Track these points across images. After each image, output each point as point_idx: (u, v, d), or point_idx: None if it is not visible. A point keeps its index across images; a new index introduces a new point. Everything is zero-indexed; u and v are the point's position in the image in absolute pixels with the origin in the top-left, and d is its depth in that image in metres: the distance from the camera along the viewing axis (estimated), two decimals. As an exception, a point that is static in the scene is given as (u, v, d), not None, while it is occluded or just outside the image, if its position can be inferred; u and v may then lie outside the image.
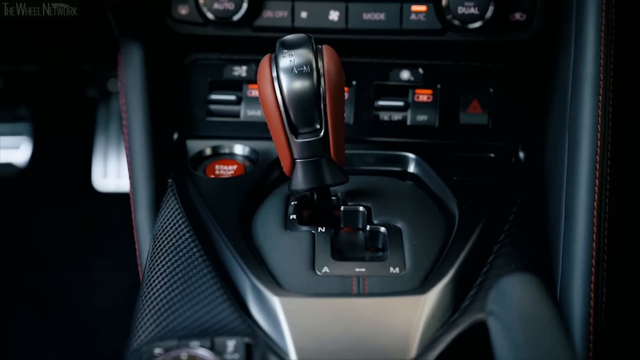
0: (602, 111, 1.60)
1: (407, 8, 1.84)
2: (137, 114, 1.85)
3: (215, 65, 1.97)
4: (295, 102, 1.43)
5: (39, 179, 3.30)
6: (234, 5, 1.83)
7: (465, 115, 1.89)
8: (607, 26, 1.62)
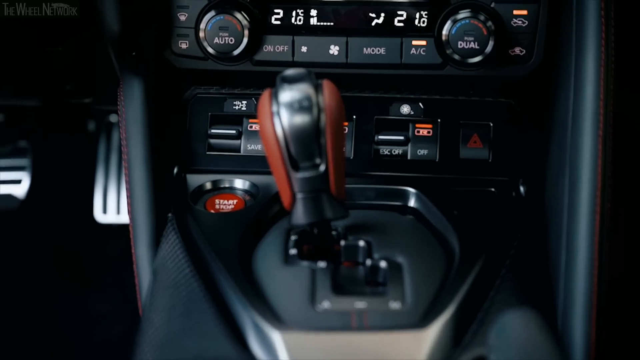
0: (602, 146, 1.60)
1: (407, 42, 1.85)
2: (137, 148, 1.85)
3: (216, 99, 1.97)
4: (296, 137, 1.42)
5: (39, 212, 3.29)
6: (234, 39, 1.84)
7: (466, 149, 1.90)
8: (606, 62, 1.63)
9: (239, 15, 1.83)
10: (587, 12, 1.67)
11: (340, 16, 1.85)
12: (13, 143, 3.36)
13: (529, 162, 1.89)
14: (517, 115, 1.90)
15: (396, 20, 1.84)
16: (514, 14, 1.81)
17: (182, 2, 1.87)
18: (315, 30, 1.86)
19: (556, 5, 1.80)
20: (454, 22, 1.79)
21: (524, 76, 1.86)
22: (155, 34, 1.89)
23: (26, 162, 3.34)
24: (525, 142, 1.90)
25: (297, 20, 1.86)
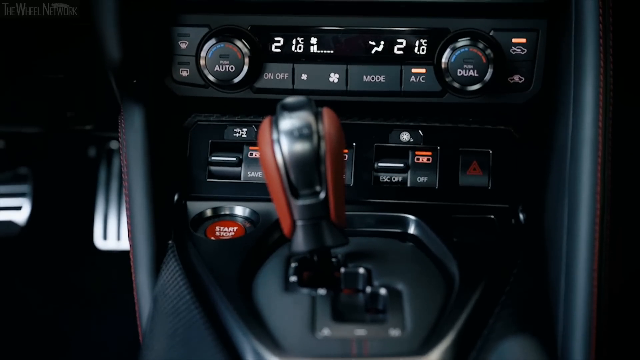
0: (600, 174, 1.61)
1: (407, 70, 1.85)
2: (138, 175, 1.85)
3: (216, 126, 1.98)
4: (296, 165, 1.43)
5: (39, 238, 3.30)
6: (234, 67, 1.85)
7: (465, 176, 1.90)
8: (605, 90, 1.64)
9: (240, 43, 1.84)
10: (585, 40, 1.68)
11: (340, 44, 1.86)
12: (14, 169, 3.37)
13: (528, 189, 1.89)
14: (516, 142, 1.91)
15: (396, 48, 1.85)
16: (513, 42, 1.82)
17: (183, 30, 1.89)
18: (315, 58, 1.87)
19: (555, 33, 1.81)
20: (453, 50, 1.80)
21: (523, 104, 1.87)
22: (156, 61, 1.90)
23: (27, 189, 3.35)
24: (525, 169, 1.90)
25: (297, 48, 1.87)
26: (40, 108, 2.53)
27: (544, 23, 1.82)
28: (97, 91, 2.14)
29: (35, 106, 2.51)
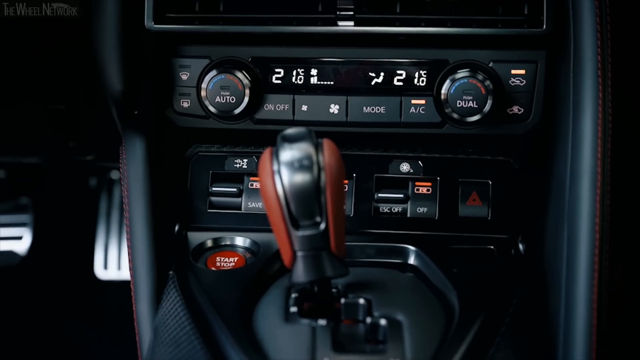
0: (599, 204, 1.61)
1: (406, 101, 1.86)
2: (138, 205, 1.86)
3: (217, 157, 1.98)
4: (296, 196, 1.43)
5: (40, 268, 3.29)
6: (235, 98, 1.85)
7: (465, 207, 1.91)
8: (604, 121, 1.64)
9: (240, 74, 1.85)
10: (584, 71, 1.68)
11: (340, 75, 1.87)
12: (15, 199, 3.37)
13: (527, 220, 1.90)
14: (516, 173, 1.91)
15: (395, 80, 1.86)
16: (512, 73, 1.83)
17: (184, 62, 1.90)
18: (315, 89, 1.88)
19: (554, 64, 1.82)
20: (453, 81, 1.81)
21: (522, 134, 1.87)
22: (157, 93, 1.91)
23: (28, 219, 3.35)
24: (524, 200, 1.91)
25: (297, 79, 1.88)
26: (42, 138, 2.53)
27: (542, 54, 1.83)
28: (98, 122, 2.14)
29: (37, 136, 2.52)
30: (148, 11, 1.82)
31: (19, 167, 3.28)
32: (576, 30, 1.71)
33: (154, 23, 1.83)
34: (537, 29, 1.77)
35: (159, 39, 1.88)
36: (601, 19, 1.67)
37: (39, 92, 2.22)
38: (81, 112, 2.27)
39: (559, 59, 1.80)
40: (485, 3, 1.78)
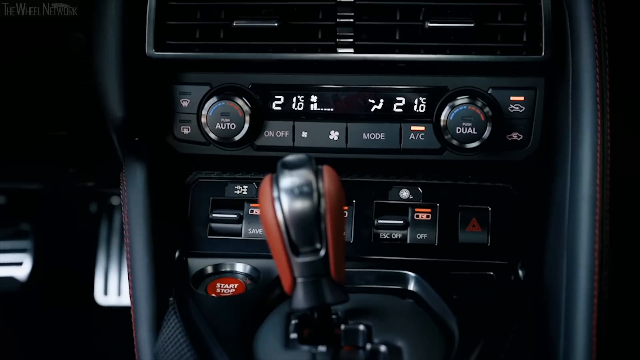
0: (599, 230, 1.62)
1: (406, 128, 1.87)
2: (139, 232, 1.86)
3: (217, 184, 1.99)
4: (296, 222, 1.43)
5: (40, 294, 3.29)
6: (235, 125, 1.86)
7: (464, 233, 1.91)
8: (602, 148, 1.65)
9: (240, 101, 1.86)
10: (582, 98, 1.69)
11: (340, 102, 1.88)
12: (15, 225, 3.38)
13: (527, 246, 1.90)
14: (515, 199, 1.92)
15: (395, 106, 1.87)
16: (511, 99, 1.84)
17: (184, 89, 1.90)
18: (315, 116, 1.89)
19: (552, 91, 1.83)
20: (452, 108, 1.81)
21: (522, 161, 1.88)
22: (158, 119, 1.92)
23: (28, 245, 3.35)
24: (524, 226, 1.91)
25: (297, 106, 1.88)
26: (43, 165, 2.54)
27: (541, 81, 1.84)
28: (98, 148, 2.15)
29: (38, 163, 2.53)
30: (149, 39, 1.83)
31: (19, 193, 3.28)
32: (575, 57, 1.71)
33: (154, 50, 1.84)
34: (535, 55, 1.78)
35: (160, 66, 1.88)
36: (599, 46, 1.67)
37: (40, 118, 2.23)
38: (82, 138, 2.27)
39: (557, 86, 1.81)
40: (484, 30, 1.79)
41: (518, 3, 1.78)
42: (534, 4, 1.77)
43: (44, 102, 2.18)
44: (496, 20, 1.79)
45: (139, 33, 1.83)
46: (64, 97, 2.13)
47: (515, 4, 1.78)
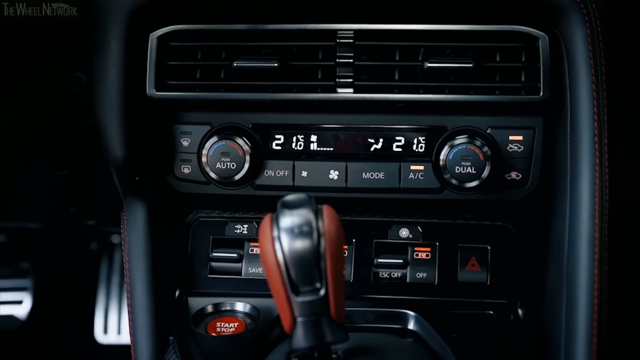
0: (598, 270, 1.62)
1: (405, 167, 1.88)
2: (139, 271, 1.86)
3: (217, 223, 1.99)
4: (296, 261, 1.43)
5: (40, 332, 3.28)
6: (235, 164, 1.87)
7: (464, 272, 1.91)
8: (601, 188, 1.66)
9: (241, 140, 1.87)
10: (581, 138, 1.70)
11: (340, 141, 1.89)
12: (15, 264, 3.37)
13: (526, 285, 1.90)
14: (514, 238, 1.92)
15: (394, 146, 1.87)
16: (510, 139, 1.85)
17: (185, 129, 1.91)
18: (315, 156, 1.90)
19: (551, 130, 1.84)
20: (451, 148, 1.82)
21: (521, 200, 1.88)
22: (158, 159, 1.93)
23: (28, 283, 3.34)
24: (523, 265, 1.91)
25: (297, 145, 1.89)
26: (43, 203, 2.54)
27: (540, 121, 1.85)
28: (99, 187, 2.15)
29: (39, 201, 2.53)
30: (150, 79, 1.84)
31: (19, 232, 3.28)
32: (573, 98, 1.73)
33: (155, 90, 1.85)
34: (534, 96, 1.79)
35: (160, 106, 1.89)
36: (597, 87, 1.69)
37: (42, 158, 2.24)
38: (82, 177, 2.28)
39: (556, 125, 1.82)
40: (483, 70, 1.80)
41: (516, 44, 1.79)
42: (532, 44, 1.78)
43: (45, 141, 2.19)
44: (495, 61, 1.80)
45: (140, 73, 1.85)
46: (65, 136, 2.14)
47: (513, 45, 1.79)
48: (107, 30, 1.78)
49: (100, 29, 1.79)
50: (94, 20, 1.81)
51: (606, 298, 1.62)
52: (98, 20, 1.79)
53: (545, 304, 1.83)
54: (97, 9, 1.79)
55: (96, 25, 1.80)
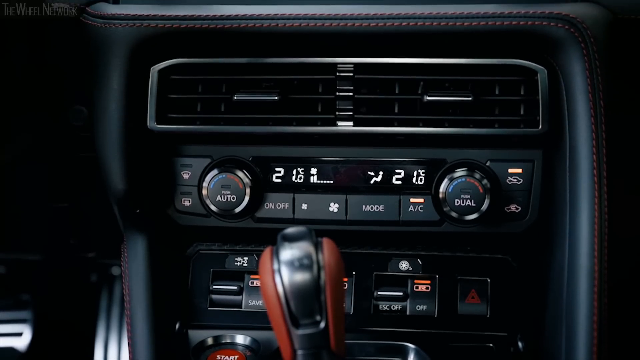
0: (597, 302, 1.62)
1: (405, 200, 1.88)
2: (139, 304, 1.86)
3: (218, 255, 1.99)
4: (296, 294, 1.43)
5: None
6: (236, 197, 1.87)
7: (464, 305, 1.91)
8: (600, 220, 1.66)
9: (241, 173, 1.88)
10: (579, 170, 1.71)
11: (340, 174, 1.89)
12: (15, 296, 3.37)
13: (526, 318, 1.90)
14: (514, 270, 1.92)
15: (394, 179, 1.88)
16: (509, 172, 1.85)
17: (185, 161, 1.92)
18: (315, 188, 1.90)
19: (550, 163, 1.85)
20: (451, 180, 1.83)
21: (520, 233, 1.89)
22: (159, 191, 1.93)
23: (28, 315, 3.34)
24: (523, 298, 1.91)
25: (297, 178, 1.90)
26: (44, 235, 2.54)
27: (539, 154, 1.86)
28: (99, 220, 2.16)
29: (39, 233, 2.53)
30: (151, 112, 1.85)
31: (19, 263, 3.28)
32: (572, 130, 1.73)
33: (156, 123, 1.85)
34: (533, 129, 1.79)
35: (161, 139, 1.90)
36: (596, 120, 1.69)
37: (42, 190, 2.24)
38: (83, 210, 2.28)
39: (555, 158, 1.82)
40: (482, 103, 1.81)
41: (515, 77, 1.80)
42: (531, 78, 1.79)
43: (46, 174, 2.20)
44: (494, 94, 1.81)
45: (141, 106, 1.85)
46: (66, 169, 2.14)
47: (512, 78, 1.80)
48: (108, 63, 1.79)
49: (101, 63, 1.80)
50: (95, 54, 1.82)
51: (606, 331, 1.62)
52: (99, 54, 1.80)
53: (545, 336, 1.83)
54: (98, 42, 1.80)
55: (97, 59, 1.81)
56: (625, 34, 1.78)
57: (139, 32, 1.77)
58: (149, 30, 1.77)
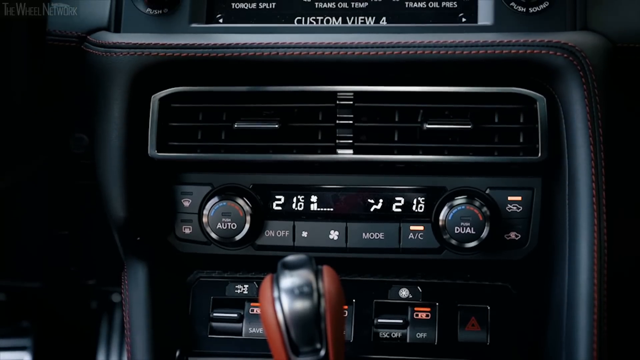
0: (597, 330, 1.62)
1: (405, 228, 1.88)
2: (140, 331, 1.86)
3: (218, 283, 1.99)
4: (296, 322, 1.43)
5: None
6: (236, 225, 1.87)
7: (464, 332, 1.91)
8: (599, 248, 1.66)
9: (241, 201, 1.88)
10: (579, 198, 1.71)
11: (340, 202, 1.90)
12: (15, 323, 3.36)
13: (526, 345, 1.90)
14: (514, 298, 1.92)
15: (394, 206, 1.88)
16: (509, 199, 1.86)
17: (186, 189, 1.92)
18: (315, 216, 1.90)
19: (549, 190, 1.85)
20: (451, 208, 1.83)
21: (520, 260, 1.89)
22: (160, 219, 1.93)
23: (28, 342, 3.33)
24: (522, 325, 1.91)
25: (297, 206, 1.90)
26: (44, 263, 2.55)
27: (538, 181, 1.86)
28: (100, 247, 2.16)
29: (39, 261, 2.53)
30: (151, 140, 1.85)
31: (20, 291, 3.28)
32: (571, 159, 1.73)
33: (157, 151, 1.86)
34: (532, 156, 1.80)
35: (162, 167, 1.90)
36: (595, 148, 1.70)
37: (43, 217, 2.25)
38: (84, 237, 2.29)
39: (554, 186, 1.83)
40: (482, 131, 1.81)
41: (514, 105, 1.80)
42: (530, 106, 1.79)
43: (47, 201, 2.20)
44: (493, 122, 1.81)
45: (141, 134, 1.86)
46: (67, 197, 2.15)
47: (511, 106, 1.80)
48: (109, 92, 1.80)
49: (102, 91, 1.81)
50: (96, 82, 1.82)
51: (606, 358, 1.62)
52: (100, 82, 1.81)
53: (546, 363, 1.83)
54: (99, 71, 1.81)
55: (98, 87, 1.82)
56: (624, 62, 1.78)
57: (140, 60, 1.78)
58: (150, 59, 1.78)
